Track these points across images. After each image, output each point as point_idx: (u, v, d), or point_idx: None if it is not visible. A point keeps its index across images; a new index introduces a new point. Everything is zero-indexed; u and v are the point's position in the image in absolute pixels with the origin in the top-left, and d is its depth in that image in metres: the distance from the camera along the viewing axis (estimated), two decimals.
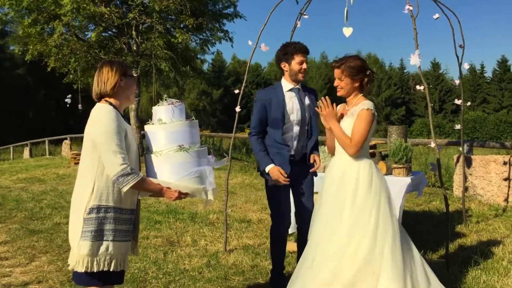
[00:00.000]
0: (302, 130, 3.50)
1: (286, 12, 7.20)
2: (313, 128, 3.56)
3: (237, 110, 4.78)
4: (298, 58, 3.40)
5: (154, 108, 2.69)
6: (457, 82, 5.53)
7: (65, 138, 19.23)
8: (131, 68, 3.46)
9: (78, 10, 11.37)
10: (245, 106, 44.66)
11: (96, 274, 2.43)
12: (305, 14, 4.93)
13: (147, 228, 5.72)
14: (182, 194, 2.52)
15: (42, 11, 12.10)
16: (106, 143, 2.36)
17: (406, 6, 4.11)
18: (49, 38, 12.32)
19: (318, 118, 3.42)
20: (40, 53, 12.89)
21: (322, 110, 3.03)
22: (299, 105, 3.47)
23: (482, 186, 6.92)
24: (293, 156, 3.49)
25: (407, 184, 4.34)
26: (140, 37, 12.75)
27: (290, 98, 3.47)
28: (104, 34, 12.90)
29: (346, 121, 3.02)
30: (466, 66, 5.57)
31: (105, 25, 12.29)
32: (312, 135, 3.56)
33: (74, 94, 12.30)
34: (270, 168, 3.37)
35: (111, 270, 2.45)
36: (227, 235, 4.95)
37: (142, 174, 2.44)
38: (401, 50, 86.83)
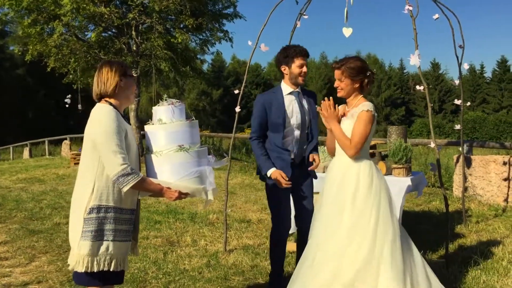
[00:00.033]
0: (302, 134, 3.49)
1: (286, 12, 7.20)
2: (313, 131, 3.55)
3: (237, 110, 4.78)
4: (298, 62, 3.40)
5: (154, 108, 2.68)
6: (456, 82, 5.53)
7: (64, 138, 19.22)
8: (131, 68, 3.46)
9: (78, 10, 11.38)
10: (244, 106, 44.67)
11: (96, 274, 2.43)
12: (305, 14, 4.93)
13: (147, 228, 5.72)
14: (182, 194, 2.52)
15: (42, 11, 12.11)
16: (106, 143, 2.36)
17: (406, 6, 4.12)
18: (49, 38, 12.33)
19: (318, 120, 3.42)
20: (40, 53, 12.90)
21: (324, 111, 3.03)
22: (299, 108, 3.46)
23: (482, 186, 6.92)
24: (293, 159, 3.49)
25: (407, 184, 4.35)
26: (140, 37, 12.76)
27: (290, 101, 3.46)
28: (104, 34, 12.90)
29: (346, 122, 3.02)
30: (465, 66, 5.57)
31: (105, 25, 12.29)
32: (312, 139, 3.55)
33: (74, 94, 12.30)
34: (271, 172, 3.36)
35: (111, 270, 2.45)
36: (227, 235, 4.96)
37: (142, 174, 2.44)
38: (401, 50, 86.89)
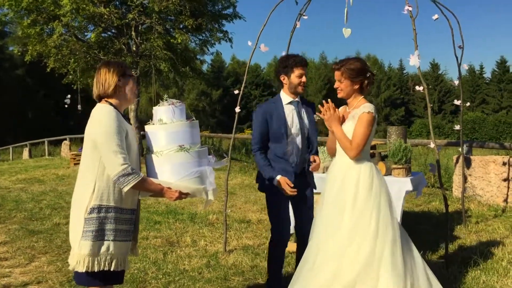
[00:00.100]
0: (303, 143, 3.50)
1: (285, 12, 7.20)
2: (312, 141, 3.56)
3: (236, 110, 4.79)
4: (298, 71, 3.41)
5: (154, 108, 2.68)
6: (456, 82, 5.54)
7: (64, 139, 19.20)
8: (131, 68, 3.46)
9: (78, 10, 11.39)
10: (244, 106, 44.72)
11: (96, 274, 2.43)
12: (304, 15, 4.93)
13: (147, 228, 5.72)
14: (182, 194, 2.52)
15: (42, 12, 12.11)
16: (107, 143, 2.36)
17: (405, 6, 4.12)
18: (48, 39, 12.34)
19: (319, 121, 3.42)
20: (39, 53, 12.90)
21: (324, 113, 3.03)
22: (298, 119, 3.48)
23: (482, 186, 6.93)
24: (294, 170, 3.50)
25: (407, 184, 4.35)
26: (139, 37, 12.77)
27: (289, 111, 3.48)
28: (103, 34, 12.92)
29: (347, 124, 3.02)
30: (465, 66, 5.58)
31: (104, 25, 12.30)
32: (312, 149, 3.57)
33: (73, 94, 12.33)
34: (278, 178, 3.37)
35: (112, 270, 2.45)
36: (227, 236, 4.96)
37: (142, 174, 2.44)
38: (400, 50, 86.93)
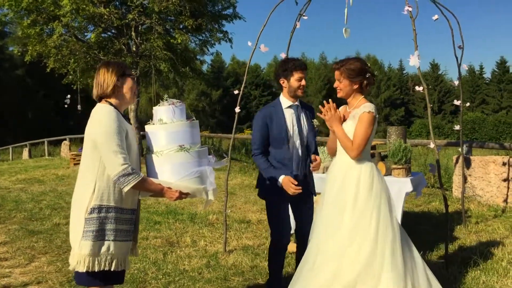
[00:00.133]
0: (302, 148, 3.51)
1: (285, 13, 7.21)
2: (312, 145, 3.56)
3: (236, 110, 4.79)
4: (297, 75, 3.41)
5: (155, 108, 2.69)
6: (456, 83, 5.54)
7: (64, 139, 19.18)
8: (130, 68, 3.46)
9: (78, 11, 11.39)
10: (244, 106, 44.74)
11: (97, 274, 2.43)
12: (304, 15, 4.94)
13: (147, 228, 5.72)
14: (183, 194, 2.52)
15: (42, 12, 12.11)
16: (107, 143, 2.36)
17: (405, 7, 4.13)
18: (48, 39, 12.33)
19: (319, 121, 3.42)
20: (39, 54, 12.90)
21: (325, 113, 3.03)
22: (297, 123, 3.48)
23: (481, 187, 6.93)
24: (295, 175, 3.49)
25: (407, 185, 4.35)
26: (139, 38, 12.77)
27: (289, 115, 3.48)
28: (103, 35, 12.92)
29: (348, 123, 3.02)
30: (465, 67, 5.58)
31: (104, 26, 12.30)
32: (311, 152, 3.56)
33: (73, 94, 12.32)
34: (282, 178, 3.37)
35: (112, 270, 2.46)
36: (227, 236, 4.96)
37: (143, 174, 2.44)
38: (400, 51, 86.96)
